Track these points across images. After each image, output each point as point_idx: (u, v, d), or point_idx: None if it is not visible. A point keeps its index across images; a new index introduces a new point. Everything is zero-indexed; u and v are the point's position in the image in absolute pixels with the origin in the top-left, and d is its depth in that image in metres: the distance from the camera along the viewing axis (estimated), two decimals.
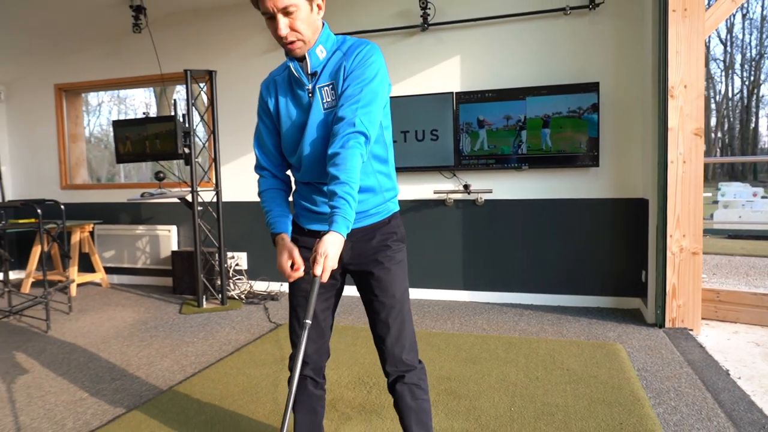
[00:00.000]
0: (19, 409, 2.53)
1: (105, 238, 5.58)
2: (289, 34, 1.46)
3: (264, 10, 1.44)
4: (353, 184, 1.41)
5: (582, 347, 3.18)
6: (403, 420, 1.70)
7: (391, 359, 1.67)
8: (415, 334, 1.73)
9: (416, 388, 1.70)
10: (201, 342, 3.53)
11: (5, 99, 6.09)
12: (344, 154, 1.42)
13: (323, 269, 1.37)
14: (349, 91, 1.49)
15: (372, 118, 1.48)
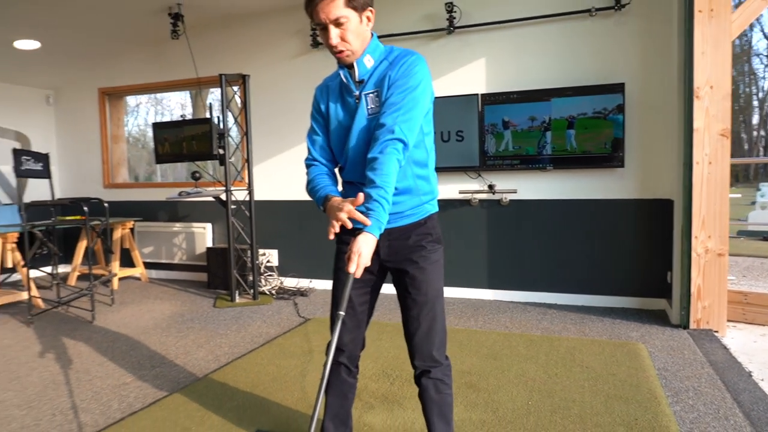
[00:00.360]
0: (72, 392, 2.75)
1: (144, 235, 5.85)
2: (340, 43, 1.58)
3: (317, 21, 1.56)
4: (388, 188, 1.51)
5: (603, 346, 3.23)
6: (426, 411, 1.80)
7: (419, 354, 1.77)
8: (446, 332, 1.81)
9: (441, 383, 1.79)
10: (234, 334, 3.71)
11: (54, 103, 6.44)
12: (382, 159, 1.53)
13: (357, 266, 1.48)
14: (393, 99, 1.60)
15: (412, 125, 1.58)
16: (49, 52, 5.35)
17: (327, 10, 1.53)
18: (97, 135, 6.19)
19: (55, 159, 6.38)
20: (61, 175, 6.43)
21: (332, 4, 1.53)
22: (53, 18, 4.66)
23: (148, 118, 6.05)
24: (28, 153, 4.23)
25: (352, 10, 1.56)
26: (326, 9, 1.53)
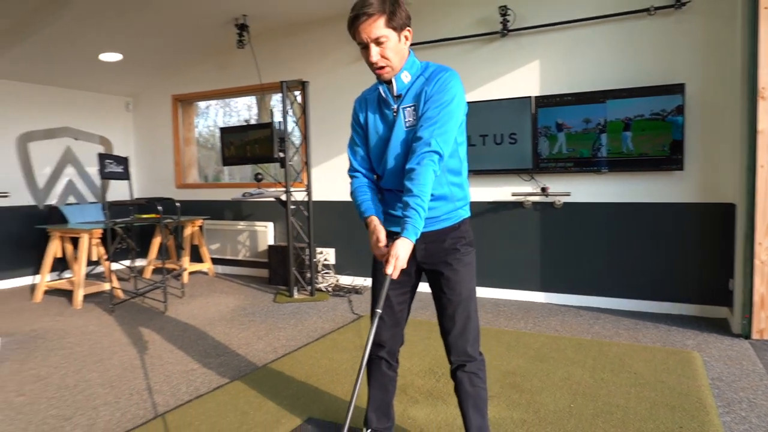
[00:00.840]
0: (147, 375, 3.04)
1: (212, 232, 6.23)
2: (380, 60, 1.70)
3: (359, 41, 1.70)
4: (424, 196, 1.63)
5: (655, 353, 3.19)
6: (461, 404, 1.91)
7: (454, 350, 1.88)
8: (479, 329, 1.92)
9: (475, 377, 1.89)
10: (291, 328, 3.94)
11: (132, 109, 6.97)
12: (419, 170, 1.64)
13: (393, 268, 1.61)
14: (429, 113, 1.71)
15: (447, 138, 1.69)
16: (129, 63, 5.81)
17: (368, 30, 1.66)
18: (170, 138, 6.65)
19: (133, 161, 6.90)
20: (138, 176, 6.95)
21: (373, 24, 1.65)
22: (134, 32, 5.07)
23: (217, 120, 6.44)
24: (110, 157, 4.64)
25: (392, 30, 1.68)
26: (368, 29, 1.66)
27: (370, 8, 1.64)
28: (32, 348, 3.57)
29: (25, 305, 4.83)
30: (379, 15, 1.65)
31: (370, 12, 1.64)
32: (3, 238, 5.54)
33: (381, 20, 1.65)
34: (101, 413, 2.56)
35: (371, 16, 1.64)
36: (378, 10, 1.64)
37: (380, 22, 1.66)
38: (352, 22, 1.68)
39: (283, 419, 2.41)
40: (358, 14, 1.65)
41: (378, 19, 1.65)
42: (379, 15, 1.65)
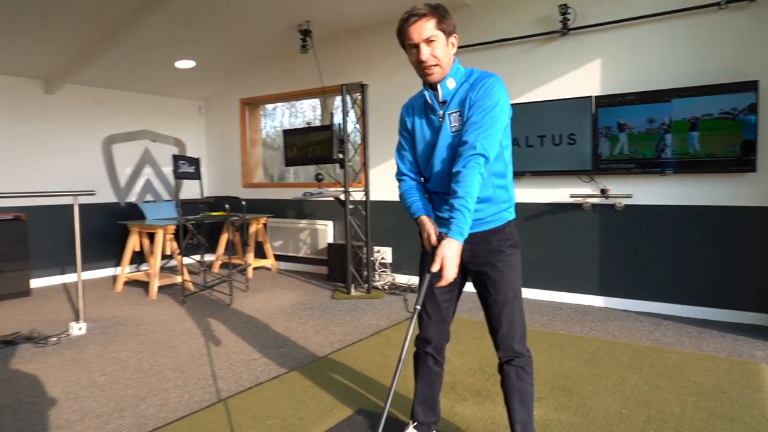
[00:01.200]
0: (213, 362, 3.27)
1: (275, 230, 6.51)
2: (430, 58, 1.78)
3: (409, 42, 1.79)
4: (470, 198, 1.68)
5: (717, 362, 3.07)
6: (507, 397, 1.94)
7: (502, 347, 1.93)
8: (525, 326, 1.96)
9: (522, 371, 1.93)
10: (347, 324, 4.08)
11: (204, 112, 7.39)
12: (465, 172, 1.70)
13: (440, 267, 1.67)
14: (474, 118, 1.77)
15: (492, 141, 1.75)
16: (201, 69, 6.18)
17: (420, 30, 1.75)
18: (238, 140, 7.00)
19: (204, 161, 7.32)
20: (209, 176, 7.36)
21: (425, 24, 1.74)
22: (206, 41, 5.40)
23: (283, 121, 6.75)
24: (183, 158, 4.97)
25: (441, 32, 1.76)
26: (419, 29, 1.75)
27: (422, 9, 1.74)
28: (113, 333, 3.91)
29: (108, 294, 5.26)
30: (430, 16, 1.75)
31: (421, 13, 1.74)
32: (89, 233, 6.05)
33: (432, 21, 1.75)
34: (171, 395, 2.79)
35: (423, 17, 1.74)
36: (429, 12, 1.75)
37: (431, 22, 1.75)
38: (404, 23, 1.78)
39: (335, 409, 2.54)
40: (410, 16, 1.75)
41: (429, 19, 1.75)
42: (430, 16, 1.75)
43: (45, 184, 5.71)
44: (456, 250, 1.68)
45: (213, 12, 4.72)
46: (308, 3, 4.80)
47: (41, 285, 5.68)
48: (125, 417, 2.54)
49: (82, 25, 4.65)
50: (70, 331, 3.89)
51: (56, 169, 5.85)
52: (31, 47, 4.93)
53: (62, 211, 5.73)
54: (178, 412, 2.58)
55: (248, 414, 2.50)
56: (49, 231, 5.74)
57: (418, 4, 1.77)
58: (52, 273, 5.81)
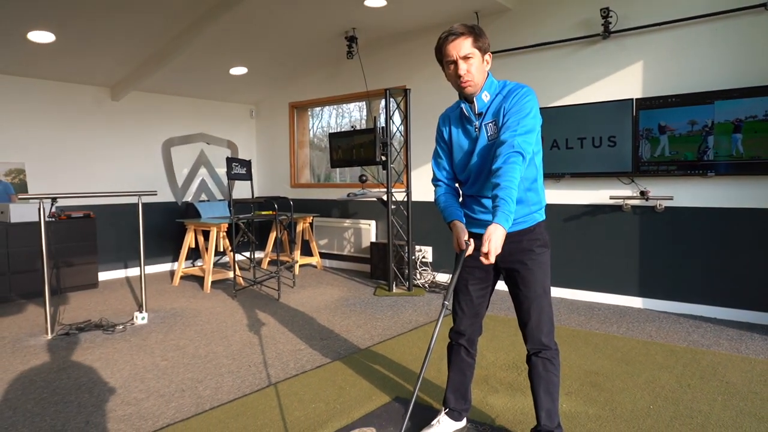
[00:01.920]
0: (262, 351, 3.53)
1: (321, 229, 6.78)
2: (466, 74, 1.94)
3: (448, 58, 1.94)
4: (513, 188, 1.79)
5: (754, 364, 3.08)
6: (534, 386, 2.08)
7: (531, 339, 2.07)
8: (553, 321, 2.08)
9: (548, 363, 2.05)
10: (388, 319, 4.26)
11: (255, 116, 7.75)
12: (505, 167, 1.83)
13: (488, 251, 1.75)
14: (510, 122, 1.91)
15: (528, 140, 1.88)
16: (252, 75, 6.52)
17: (458, 47, 1.91)
18: (286, 142, 7.32)
19: (255, 162, 7.68)
20: (259, 176, 7.72)
21: (463, 42, 1.91)
22: (257, 48, 5.71)
23: (331, 122, 7.06)
24: (236, 160, 5.29)
25: (477, 50, 1.93)
26: (458, 46, 1.91)
27: (460, 29, 1.91)
28: (172, 323, 4.24)
29: (166, 287, 5.65)
30: (468, 35, 1.92)
31: (459, 32, 1.91)
32: (150, 230, 6.50)
33: (469, 40, 1.91)
34: (225, 379, 3.05)
35: (461, 35, 1.91)
36: (467, 31, 1.92)
37: (468, 41, 1.91)
38: (443, 41, 1.94)
39: (374, 396, 2.73)
40: (449, 35, 1.93)
41: (467, 38, 1.91)
42: (468, 35, 1.92)
43: (111, 185, 6.19)
44: (502, 234, 1.75)
45: (264, 22, 5.01)
46: (354, 11, 5.02)
47: (107, 278, 6.16)
48: (185, 397, 2.81)
49: (144, 38, 5.03)
50: (135, 320, 4.25)
51: (121, 171, 6.32)
52: (100, 59, 5.37)
53: (126, 209, 6.18)
54: (231, 394, 2.84)
55: (294, 398, 2.73)
56: (114, 228, 6.21)
57: (456, 24, 1.94)
58: (116, 267, 6.28)
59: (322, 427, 2.40)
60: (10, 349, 3.63)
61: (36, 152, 5.65)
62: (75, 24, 4.52)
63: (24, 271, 5.11)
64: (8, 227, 5.02)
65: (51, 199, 3.94)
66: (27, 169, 5.58)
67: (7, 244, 5.01)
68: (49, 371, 3.20)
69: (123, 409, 2.67)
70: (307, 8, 4.80)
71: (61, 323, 4.23)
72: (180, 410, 2.65)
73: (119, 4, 4.26)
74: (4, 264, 4.99)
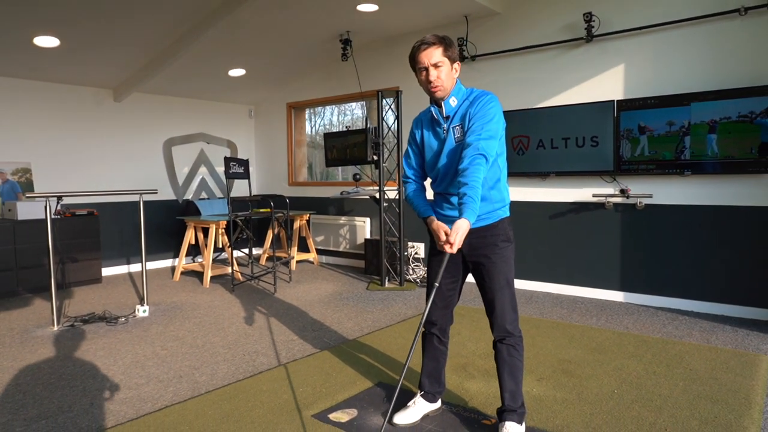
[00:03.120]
0: (256, 341, 3.72)
1: (317, 226, 6.97)
2: (436, 80, 2.13)
3: (420, 65, 2.13)
4: (478, 187, 1.96)
5: (720, 353, 3.25)
6: (499, 370, 2.26)
7: (496, 327, 2.25)
8: (517, 310, 2.25)
9: (512, 349, 2.23)
10: (378, 312, 4.45)
11: (254, 116, 7.94)
12: (471, 168, 2.00)
13: (453, 243, 1.94)
14: (475, 126, 2.09)
15: (491, 145, 2.05)
16: (251, 76, 6.70)
17: (430, 56, 2.10)
18: (284, 141, 7.50)
19: (254, 161, 7.88)
20: (258, 174, 7.91)
21: (434, 51, 2.10)
22: (255, 51, 5.90)
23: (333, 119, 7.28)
24: (234, 159, 5.48)
25: (447, 59, 2.11)
26: (429, 55, 2.10)
27: (432, 39, 2.11)
28: (172, 315, 4.44)
29: (167, 282, 5.85)
30: (438, 45, 2.10)
31: (431, 41, 2.10)
32: (152, 227, 6.70)
33: (440, 49, 2.10)
34: (221, 367, 3.24)
35: (432, 45, 2.10)
36: (438, 41, 2.11)
37: (439, 50, 2.10)
38: (416, 50, 2.13)
39: (358, 381, 2.92)
40: (422, 43, 2.12)
41: (438, 48, 2.10)
42: (438, 45, 2.10)
43: (114, 183, 6.39)
44: (466, 227, 1.94)
45: (261, 26, 5.19)
46: (347, 15, 5.19)
47: (110, 273, 6.36)
48: (182, 383, 3.01)
49: (146, 42, 5.22)
50: (136, 313, 4.45)
51: (123, 170, 6.52)
52: (103, 62, 5.56)
53: (128, 207, 6.39)
54: (225, 380, 3.03)
55: (284, 383, 2.92)
56: (117, 225, 6.42)
57: (428, 35, 2.13)
58: (119, 263, 6.48)
59: (307, 408, 2.59)
60: (19, 340, 3.83)
61: (42, 152, 5.85)
62: (79, 29, 4.72)
63: (31, 267, 5.32)
64: (15, 224, 5.23)
65: (56, 197, 4.13)
66: (33, 169, 5.78)
67: (15, 241, 5.22)
68: (55, 359, 3.41)
69: (124, 392, 2.87)
70: (302, 12, 4.99)
71: (67, 316, 4.44)
72: (177, 394, 2.85)
73: (121, 10, 4.45)
74: (12, 260, 5.20)
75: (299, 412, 2.55)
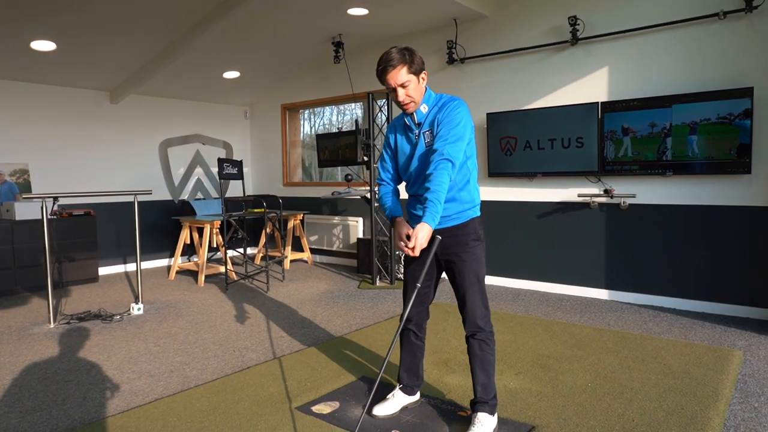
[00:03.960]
0: (246, 338, 3.82)
1: (311, 225, 7.07)
2: (405, 99, 2.23)
3: (388, 86, 2.23)
4: (441, 192, 2.08)
5: (695, 349, 3.35)
6: (471, 364, 2.36)
7: (467, 322, 2.35)
8: (488, 306, 2.35)
9: (483, 344, 2.33)
10: (368, 310, 4.55)
11: (249, 117, 8.05)
12: (435, 173, 2.12)
13: (414, 246, 2.08)
14: (441, 132, 2.20)
15: (457, 150, 2.16)
16: (246, 78, 6.80)
17: (395, 78, 2.18)
18: (279, 142, 7.61)
19: (249, 162, 7.98)
20: (254, 175, 8.02)
21: (399, 73, 2.18)
22: (249, 53, 6.00)
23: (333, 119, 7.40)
24: (228, 161, 5.58)
25: (413, 75, 2.19)
26: (395, 77, 2.18)
27: (393, 61, 2.16)
28: (166, 313, 4.54)
29: (163, 281, 5.96)
30: (401, 65, 2.17)
31: (394, 64, 2.17)
32: (147, 227, 6.80)
33: (403, 69, 2.17)
34: (211, 362, 3.35)
35: (395, 67, 2.17)
36: (400, 62, 2.17)
37: (403, 70, 2.18)
38: (381, 73, 2.21)
39: (341, 375, 3.02)
40: (386, 66, 2.18)
41: (402, 68, 2.17)
42: (401, 65, 2.17)
43: (111, 184, 6.49)
44: (428, 232, 2.07)
45: (255, 29, 5.29)
46: (339, 19, 5.29)
47: (107, 272, 6.47)
48: (173, 377, 3.11)
49: (142, 44, 5.33)
50: (131, 311, 4.55)
51: (120, 171, 6.62)
52: (99, 65, 5.66)
53: (125, 207, 6.49)
54: (215, 374, 3.13)
55: (271, 377, 3.02)
56: (114, 225, 6.52)
57: (392, 51, 2.19)
58: (116, 262, 6.59)
59: (292, 400, 2.69)
60: (16, 336, 3.93)
61: (39, 153, 5.96)
62: (74, 33, 4.82)
63: (28, 266, 5.42)
64: (13, 225, 5.33)
65: (53, 198, 4.24)
66: (30, 170, 5.89)
67: (13, 241, 5.32)
68: (51, 355, 3.51)
69: (117, 387, 2.97)
70: (295, 16, 5.09)
71: (63, 314, 4.54)
72: (168, 387, 2.95)
73: (117, 14, 4.55)
74: (9, 259, 5.31)
75: (285, 404, 2.65)
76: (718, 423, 2.39)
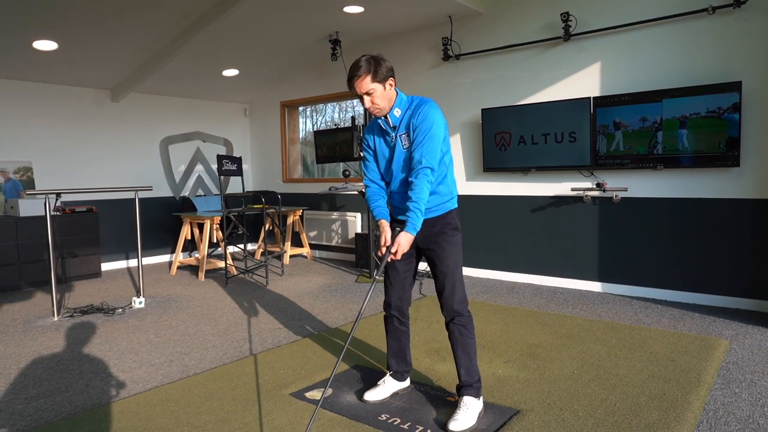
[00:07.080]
0: (245, 329, 3.91)
1: (310, 221, 7.16)
2: (371, 106, 2.33)
3: (356, 92, 2.32)
4: (421, 202, 2.22)
5: (682, 338, 3.43)
6: (453, 349, 2.45)
7: (446, 308, 2.45)
8: (464, 292, 2.46)
9: (462, 328, 2.43)
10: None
11: (249, 114, 8.13)
12: (416, 182, 2.24)
13: (396, 252, 2.22)
14: (417, 139, 2.30)
15: (434, 154, 2.27)
16: (245, 76, 6.89)
17: (360, 86, 2.28)
18: (278, 139, 7.69)
19: (249, 159, 8.07)
20: (254, 172, 8.11)
21: (363, 81, 2.27)
22: (248, 51, 6.08)
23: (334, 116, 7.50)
24: (227, 157, 5.67)
25: (378, 83, 2.29)
26: (360, 85, 2.28)
27: (359, 71, 2.27)
28: (167, 307, 4.64)
29: (164, 276, 6.06)
30: (365, 75, 2.27)
31: (359, 74, 2.27)
32: (148, 224, 6.90)
33: (368, 78, 2.27)
34: (209, 352, 3.44)
35: (360, 76, 2.27)
36: (365, 72, 2.27)
37: (367, 79, 2.27)
38: (349, 81, 2.32)
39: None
40: (352, 76, 2.30)
41: (365, 77, 2.27)
42: (365, 75, 2.27)
43: (112, 181, 6.59)
44: (409, 240, 2.23)
45: (253, 27, 5.37)
46: (335, 16, 5.37)
47: (109, 268, 6.57)
48: (173, 366, 3.21)
49: (142, 43, 5.41)
50: (133, 305, 4.65)
51: (122, 168, 6.72)
52: (100, 64, 5.76)
53: (127, 204, 6.59)
54: (213, 363, 3.23)
55: (267, 366, 3.11)
56: (116, 221, 6.62)
57: (360, 61, 2.28)
58: (118, 258, 6.69)
59: (286, 387, 2.78)
60: (21, 329, 4.04)
61: (42, 151, 6.06)
62: (76, 33, 4.91)
63: (32, 261, 5.53)
64: (17, 221, 5.44)
65: (55, 194, 4.33)
66: (34, 167, 5.99)
67: (17, 237, 5.43)
68: (55, 346, 3.61)
69: (118, 375, 3.07)
70: (292, 14, 5.16)
71: (66, 307, 4.64)
72: (167, 376, 3.04)
73: (117, 14, 4.64)
74: (14, 255, 5.41)
75: (280, 390, 2.74)
76: (697, 407, 2.46)
